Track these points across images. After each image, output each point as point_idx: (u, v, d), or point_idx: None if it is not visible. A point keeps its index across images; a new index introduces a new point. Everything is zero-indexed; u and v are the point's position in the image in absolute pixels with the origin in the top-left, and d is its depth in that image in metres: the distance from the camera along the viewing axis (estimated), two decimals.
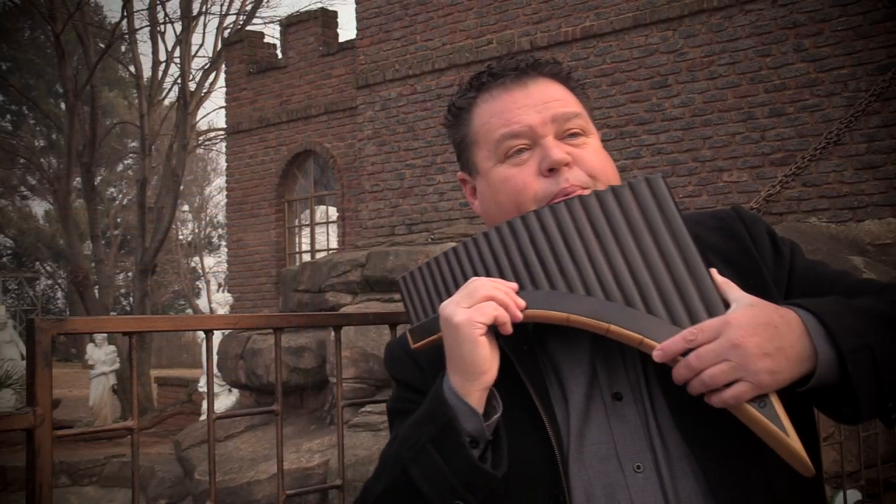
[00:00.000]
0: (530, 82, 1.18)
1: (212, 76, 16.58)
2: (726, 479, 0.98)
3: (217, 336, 8.69)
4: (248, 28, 15.28)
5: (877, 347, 0.93)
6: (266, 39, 13.28)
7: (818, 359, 0.93)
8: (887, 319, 0.98)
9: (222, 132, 18.48)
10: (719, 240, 1.14)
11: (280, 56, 12.57)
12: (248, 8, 17.31)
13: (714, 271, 1.01)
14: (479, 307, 1.02)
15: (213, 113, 68.87)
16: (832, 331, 0.93)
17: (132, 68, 16.91)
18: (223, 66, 14.27)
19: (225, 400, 10.05)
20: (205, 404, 4.58)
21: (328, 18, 12.03)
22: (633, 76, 7.77)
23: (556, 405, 1.07)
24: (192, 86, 15.51)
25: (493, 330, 1.04)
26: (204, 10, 16.20)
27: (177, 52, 16.14)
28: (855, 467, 3.20)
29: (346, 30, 12.47)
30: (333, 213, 12.14)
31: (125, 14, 15.46)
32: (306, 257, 11.81)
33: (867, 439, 3.47)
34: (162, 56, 16.02)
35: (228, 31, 16.42)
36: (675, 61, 7.53)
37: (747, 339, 0.92)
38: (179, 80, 15.52)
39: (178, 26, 15.96)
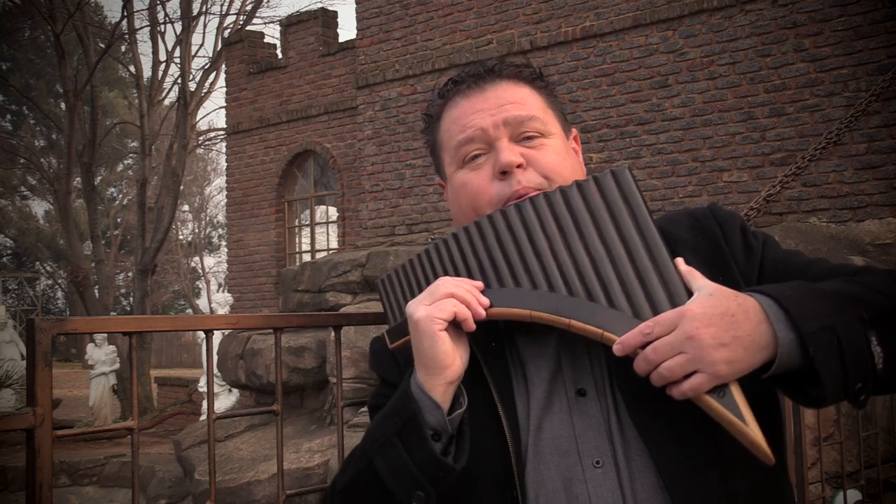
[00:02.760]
0: (488, 87, 1.19)
1: (212, 76, 16.61)
2: (682, 474, 0.98)
3: (217, 336, 8.69)
4: (248, 28, 15.29)
5: (841, 328, 0.92)
6: (266, 39, 13.28)
7: (778, 344, 0.92)
8: (853, 299, 0.95)
9: (222, 132, 18.49)
10: (692, 237, 1.14)
11: (280, 56, 12.57)
12: (248, 8, 17.34)
13: (680, 260, 1.01)
14: (439, 304, 1.05)
15: (213, 113, 69.11)
16: (792, 314, 0.92)
17: (132, 68, 16.92)
18: (223, 66, 14.27)
19: (225, 400, 10.05)
20: (205, 404, 4.58)
21: (328, 18, 12.02)
22: (633, 76, 7.77)
23: (518, 400, 1.09)
24: (192, 86, 15.51)
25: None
26: (204, 10, 16.20)
27: (177, 52, 16.17)
28: (855, 467, 3.20)
29: (346, 30, 12.52)
30: (333, 213, 12.14)
31: (125, 14, 15.46)
32: (306, 257, 11.82)
33: (867, 439, 3.47)
34: (162, 56, 16.05)
35: (228, 31, 16.44)
36: (675, 61, 7.53)
37: (702, 330, 0.91)
38: (179, 80, 15.52)
39: (178, 26, 15.99)
